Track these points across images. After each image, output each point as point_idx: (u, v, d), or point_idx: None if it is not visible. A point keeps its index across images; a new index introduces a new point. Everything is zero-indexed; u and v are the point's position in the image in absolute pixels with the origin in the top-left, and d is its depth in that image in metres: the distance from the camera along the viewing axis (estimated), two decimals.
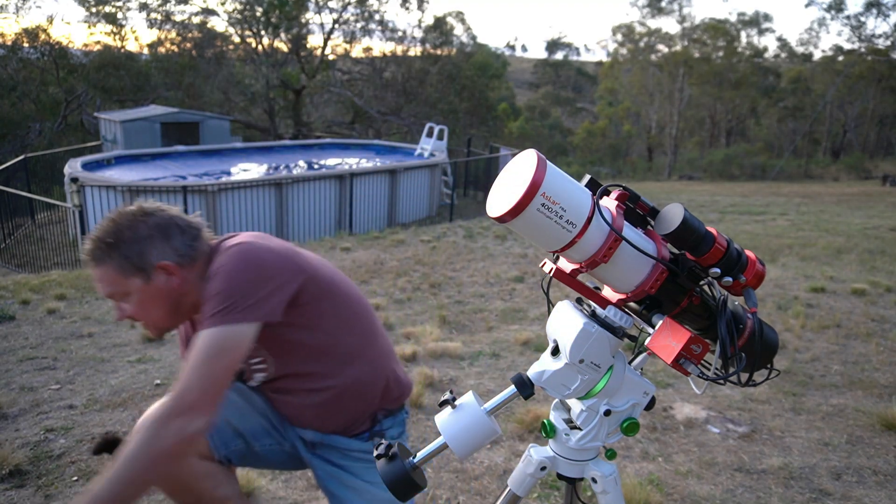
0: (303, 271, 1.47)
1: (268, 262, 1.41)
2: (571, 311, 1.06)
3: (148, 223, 1.44)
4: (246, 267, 1.38)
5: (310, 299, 1.48)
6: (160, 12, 28.90)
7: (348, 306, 1.59)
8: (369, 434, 1.64)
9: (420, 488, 1.04)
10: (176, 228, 1.47)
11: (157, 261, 1.43)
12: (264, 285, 1.38)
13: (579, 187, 0.96)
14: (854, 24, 36.89)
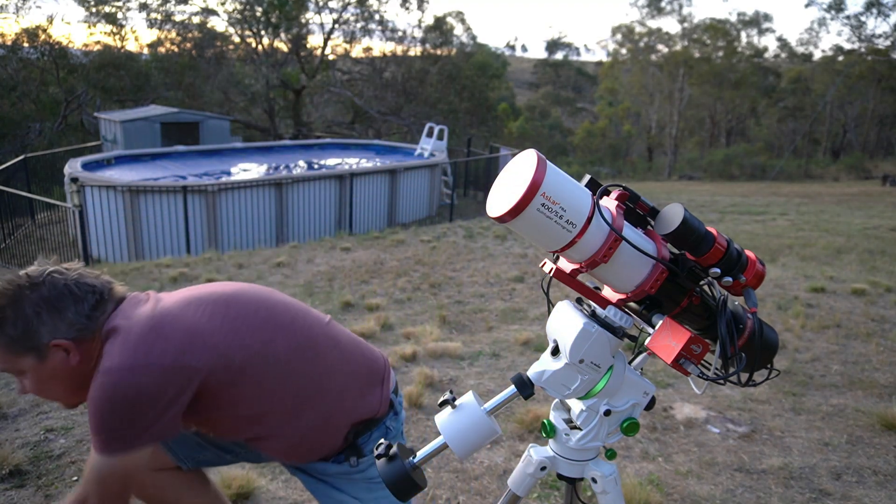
0: (197, 371, 1.32)
1: (141, 395, 1.26)
2: (571, 311, 1.06)
3: (33, 298, 1.29)
4: (112, 407, 1.25)
5: (218, 387, 1.36)
6: (160, 12, 28.92)
7: (275, 369, 1.42)
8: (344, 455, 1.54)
9: (420, 488, 1.04)
10: (69, 299, 1.32)
11: (50, 339, 1.30)
12: (143, 416, 1.27)
13: (579, 187, 0.96)
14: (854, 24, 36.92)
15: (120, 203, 10.22)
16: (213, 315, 1.40)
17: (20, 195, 11.78)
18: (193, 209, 10.36)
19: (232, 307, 1.44)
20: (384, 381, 1.59)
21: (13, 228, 11.94)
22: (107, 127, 18.44)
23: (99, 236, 9.93)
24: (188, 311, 1.39)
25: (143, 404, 1.26)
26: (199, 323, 1.37)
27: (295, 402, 1.45)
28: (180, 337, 1.32)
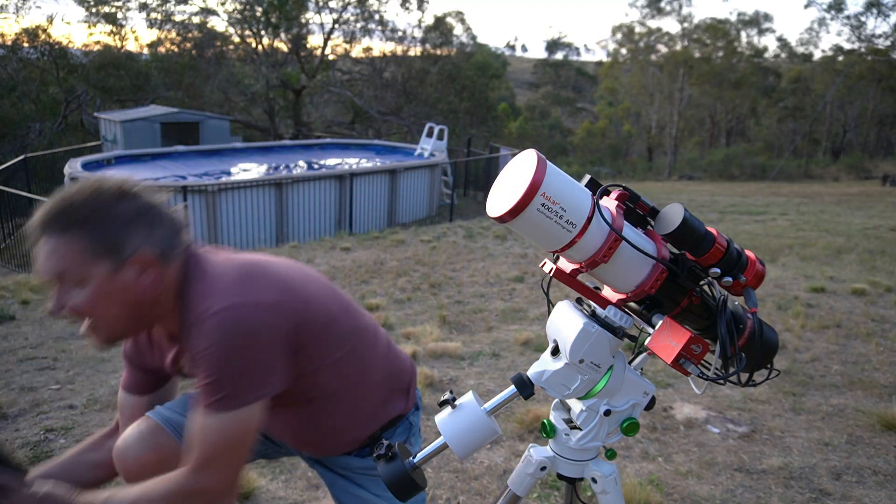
0: (300, 314, 1.26)
1: (261, 332, 1.18)
2: (571, 311, 1.06)
3: (129, 205, 1.18)
4: (238, 346, 1.16)
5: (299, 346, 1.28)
6: (160, 12, 28.93)
7: (339, 344, 1.37)
8: (370, 449, 1.49)
9: (420, 488, 1.04)
10: (161, 216, 1.22)
11: (133, 251, 1.17)
12: (265, 358, 1.20)
13: (579, 187, 0.96)
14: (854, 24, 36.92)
15: None
16: (296, 269, 1.36)
17: (20, 195, 11.78)
18: (193, 209, 10.36)
19: (308, 271, 1.41)
20: (412, 384, 1.59)
21: (13, 228, 11.94)
22: (107, 127, 18.44)
23: None
24: (273, 261, 1.33)
25: (263, 343, 1.19)
26: (288, 273, 1.31)
27: (340, 385, 1.39)
28: (277, 281, 1.26)
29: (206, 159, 15.44)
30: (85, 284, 1.16)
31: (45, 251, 1.15)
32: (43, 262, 1.16)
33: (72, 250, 1.14)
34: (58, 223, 1.15)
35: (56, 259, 1.15)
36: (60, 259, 1.14)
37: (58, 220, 1.15)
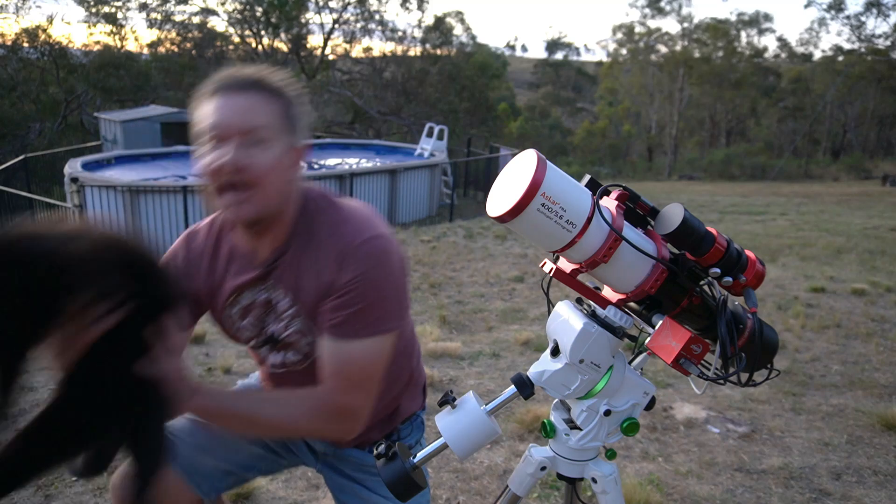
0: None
1: (402, 261, 1.25)
2: (571, 311, 1.06)
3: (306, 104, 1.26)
4: (385, 274, 1.21)
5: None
6: (160, 12, 28.93)
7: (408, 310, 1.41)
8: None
9: (420, 488, 1.04)
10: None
11: (303, 140, 1.24)
12: (402, 289, 1.26)
13: (579, 187, 0.96)
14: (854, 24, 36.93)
15: (120, 203, 10.22)
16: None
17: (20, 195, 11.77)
18: (193, 209, 10.35)
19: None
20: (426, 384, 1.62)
21: None
22: (107, 127, 18.44)
23: None
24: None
25: (403, 276, 1.25)
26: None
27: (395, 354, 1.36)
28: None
29: None
30: (268, 148, 1.16)
31: (242, 104, 1.16)
32: (236, 113, 1.15)
33: (272, 111, 1.17)
34: (265, 85, 1.18)
35: (254, 114, 1.15)
36: (259, 114, 1.16)
37: (265, 83, 1.18)
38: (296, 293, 1.26)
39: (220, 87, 1.19)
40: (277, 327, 1.31)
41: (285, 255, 1.25)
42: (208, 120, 1.17)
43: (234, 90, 1.17)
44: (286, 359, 1.35)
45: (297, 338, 1.31)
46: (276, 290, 1.28)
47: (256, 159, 1.15)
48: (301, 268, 1.24)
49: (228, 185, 1.16)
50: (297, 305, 1.27)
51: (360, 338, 1.21)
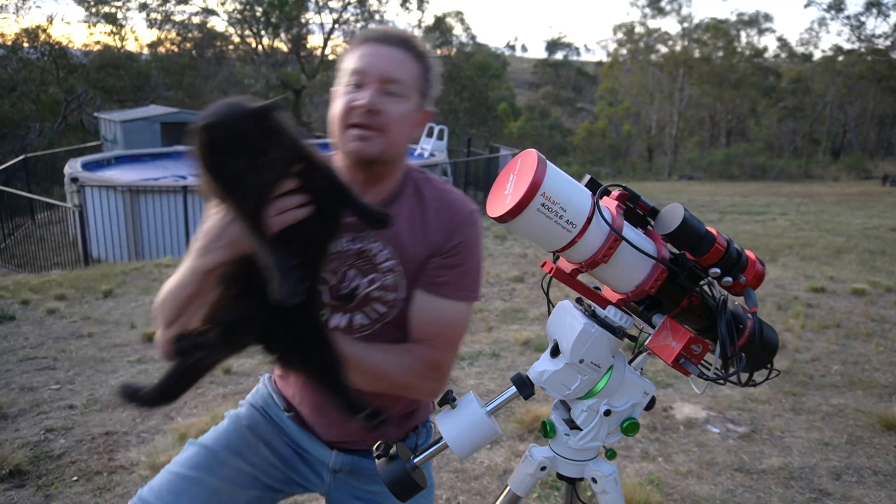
0: None
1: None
2: (571, 311, 1.06)
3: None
4: (480, 245, 1.32)
5: None
6: (160, 12, 28.93)
7: None
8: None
9: (420, 488, 1.04)
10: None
11: (430, 106, 1.32)
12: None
13: (579, 187, 0.96)
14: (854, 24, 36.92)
15: (120, 203, 10.22)
16: None
17: (20, 195, 11.79)
18: (193, 209, 10.35)
19: None
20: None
21: (13, 228, 11.94)
22: (107, 127, 18.44)
23: (99, 236, 9.92)
24: None
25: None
26: None
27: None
28: None
29: None
30: (402, 101, 1.24)
31: (387, 56, 1.24)
32: (380, 62, 1.23)
33: (415, 69, 1.26)
34: (415, 47, 1.27)
35: (396, 66, 1.24)
36: (400, 69, 1.24)
37: (411, 43, 1.27)
38: (398, 247, 1.27)
39: (370, 38, 1.26)
40: (361, 282, 1.29)
41: (390, 207, 1.28)
42: (353, 64, 1.24)
43: (383, 42, 1.25)
44: (353, 321, 1.31)
45: (382, 294, 1.29)
46: (373, 241, 1.28)
47: (390, 108, 1.22)
48: (407, 224, 1.28)
49: (359, 124, 1.22)
50: (398, 259, 1.28)
51: (459, 300, 1.27)
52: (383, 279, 1.28)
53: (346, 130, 1.23)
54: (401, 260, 1.27)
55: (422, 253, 1.27)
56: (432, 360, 1.27)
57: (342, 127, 1.24)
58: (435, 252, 1.27)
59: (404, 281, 1.28)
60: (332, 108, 1.26)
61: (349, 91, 1.23)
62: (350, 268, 1.29)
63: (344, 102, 1.23)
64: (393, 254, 1.27)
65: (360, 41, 1.27)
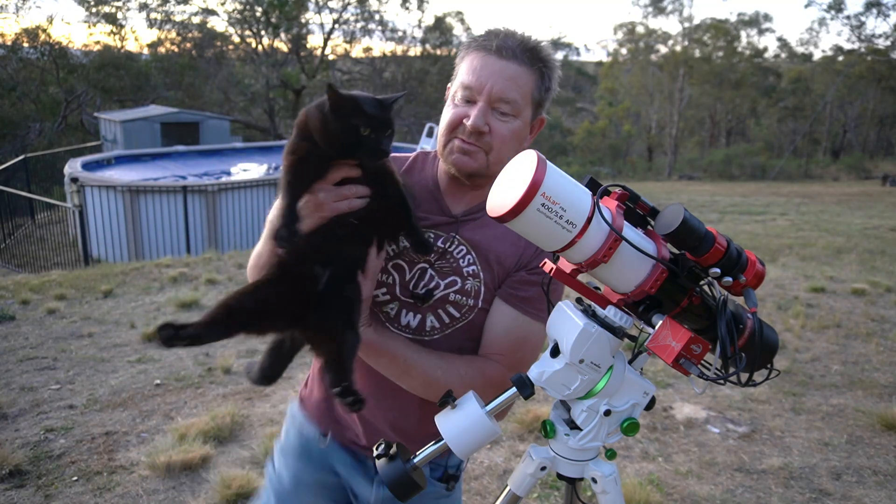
0: None
1: None
2: (571, 311, 1.06)
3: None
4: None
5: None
6: (160, 12, 28.93)
7: None
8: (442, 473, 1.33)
9: (420, 488, 1.04)
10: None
11: (545, 113, 1.24)
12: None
13: (579, 187, 0.96)
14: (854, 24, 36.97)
15: (120, 203, 10.22)
16: None
17: (20, 195, 11.79)
18: (193, 209, 10.35)
19: None
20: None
21: (13, 228, 11.94)
22: (107, 127, 18.45)
23: (99, 236, 9.92)
24: None
25: None
26: None
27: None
28: None
29: (206, 159, 15.44)
30: (512, 120, 1.18)
31: (505, 72, 1.15)
32: (496, 80, 1.15)
33: (530, 83, 1.18)
34: (532, 57, 1.17)
35: (512, 85, 1.16)
36: (516, 88, 1.16)
37: (534, 55, 1.17)
38: (484, 253, 1.23)
39: (486, 46, 1.17)
40: (440, 283, 1.24)
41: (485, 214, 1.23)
42: (468, 76, 1.17)
43: (498, 54, 1.16)
44: (425, 323, 1.25)
45: (459, 298, 1.24)
46: (457, 245, 1.24)
47: (498, 128, 1.17)
48: (496, 231, 1.23)
49: (464, 140, 1.18)
50: (481, 265, 1.23)
51: (540, 319, 1.22)
52: (463, 284, 1.24)
53: (451, 141, 1.20)
54: (483, 267, 1.24)
55: (509, 264, 1.23)
56: (494, 377, 1.21)
57: (447, 137, 1.21)
58: (523, 265, 1.23)
59: (483, 288, 1.24)
60: (443, 114, 1.22)
61: (459, 104, 1.19)
62: (430, 267, 1.24)
63: (452, 115, 1.19)
64: (477, 259, 1.24)
65: (482, 47, 1.18)
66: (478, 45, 1.19)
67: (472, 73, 1.17)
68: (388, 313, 1.27)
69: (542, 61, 1.19)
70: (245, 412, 3.36)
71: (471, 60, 1.18)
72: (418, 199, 1.25)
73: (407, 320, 1.26)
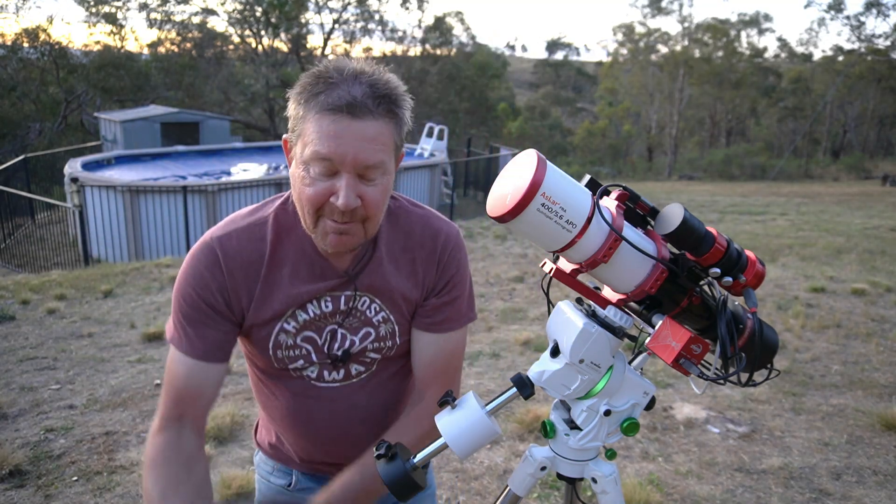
0: None
1: None
2: (571, 311, 1.06)
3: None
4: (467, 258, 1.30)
5: None
6: (160, 12, 28.93)
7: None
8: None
9: (420, 488, 1.04)
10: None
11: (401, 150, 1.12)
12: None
13: (579, 187, 0.96)
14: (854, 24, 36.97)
15: (120, 203, 10.22)
16: None
17: (20, 195, 11.78)
18: (193, 209, 10.35)
19: None
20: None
21: (13, 228, 11.94)
22: (107, 127, 18.45)
23: (99, 236, 9.93)
24: None
25: None
26: None
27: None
28: None
29: (206, 159, 15.44)
30: (382, 178, 1.06)
31: (365, 134, 1.01)
32: (363, 145, 1.01)
33: (389, 132, 1.05)
34: (389, 106, 1.03)
35: (378, 146, 1.03)
36: (381, 145, 1.03)
37: (389, 101, 1.03)
38: (388, 295, 1.19)
39: (341, 107, 1.00)
40: (351, 339, 1.20)
41: (373, 258, 1.18)
42: (322, 146, 1.00)
43: (358, 114, 1.00)
44: (350, 372, 1.22)
45: (377, 345, 1.21)
46: (360, 298, 1.18)
47: (370, 196, 1.04)
48: (388, 269, 1.18)
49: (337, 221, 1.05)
50: (389, 309, 1.20)
51: (461, 327, 1.23)
52: (377, 332, 1.21)
53: (321, 221, 1.06)
54: (391, 308, 1.20)
55: (415, 296, 1.20)
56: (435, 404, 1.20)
57: (314, 217, 1.06)
58: (430, 293, 1.21)
59: (397, 327, 1.22)
60: (297, 184, 1.05)
61: (318, 178, 1.02)
62: (340, 327, 1.19)
63: (312, 194, 1.03)
64: (383, 305, 1.20)
65: (322, 108, 1.00)
66: (323, 106, 1.00)
67: (325, 140, 0.99)
68: (310, 377, 1.21)
69: (395, 104, 1.04)
70: (245, 412, 3.36)
71: (319, 123, 1.00)
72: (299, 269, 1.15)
73: (332, 376, 1.22)
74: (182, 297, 1.13)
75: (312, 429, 1.24)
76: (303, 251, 1.15)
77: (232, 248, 1.14)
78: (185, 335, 1.13)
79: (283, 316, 1.16)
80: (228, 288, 1.13)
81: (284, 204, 1.17)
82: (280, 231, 1.16)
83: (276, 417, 1.28)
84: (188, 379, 1.13)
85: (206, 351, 1.14)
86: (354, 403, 1.24)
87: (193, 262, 1.14)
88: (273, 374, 1.24)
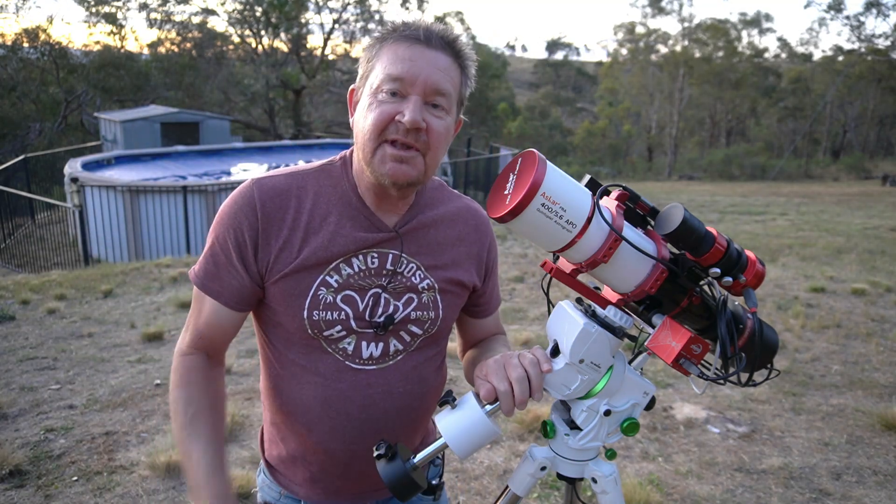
0: None
1: None
2: (571, 311, 1.06)
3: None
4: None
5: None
6: (160, 12, 28.94)
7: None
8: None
9: (420, 488, 1.04)
10: None
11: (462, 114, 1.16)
12: None
13: (579, 187, 0.96)
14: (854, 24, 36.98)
15: (120, 203, 10.22)
16: None
17: (20, 195, 11.78)
18: (193, 209, 10.35)
19: None
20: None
21: (13, 228, 11.94)
22: (107, 127, 18.45)
23: (99, 236, 9.93)
24: None
25: None
26: None
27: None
28: None
29: (206, 159, 15.44)
30: (446, 116, 1.07)
31: (440, 64, 1.04)
32: (432, 71, 1.03)
33: (458, 78, 1.08)
34: (459, 50, 1.08)
35: (448, 78, 1.06)
36: (451, 80, 1.06)
37: (460, 47, 1.08)
38: (434, 262, 1.17)
39: (410, 35, 1.04)
40: (395, 304, 1.14)
41: (420, 220, 1.17)
42: (395, 67, 1.02)
43: (427, 44, 1.03)
44: (388, 349, 1.16)
45: (420, 314, 1.16)
46: (406, 263, 1.16)
47: (434, 125, 1.05)
48: (439, 235, 1.18)
49: (401, 141, 1.03)
50: (433, 276, 1.17)
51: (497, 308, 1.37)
52: (420, 299, 1.16)
53: (381, 146, 1.04)
54: (436, 276, 1.17)
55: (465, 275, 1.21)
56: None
57: (376, 141, 1.04)
58: (484, 269, 1.26)
59: (439, 296, 1.18)
60: (362, 116, 1.05)
61: (386, 100, 1.02)
62: (384, 290, 1.14)
63: (379, 114, 1.02)
64: (427, 273, 1.17)
65: (398, 38, 1.04)
66: (400, 35, 1.04)
67: (399, 62, 1.02)
68: (346, 349, 1.14)
69: (464, 56, 1.09)
70: (245, 412, 3.36)
71: (394, 50, 1.03)
72: (344, 220, 1.12)
73: (369, 352, 1.15)
74: (215, 238, 1.13)
75: (345, 420, 1.15)
76: (349, 202, 1.13)
77: (271, 192, 1.13)
78: (211, 277, 1.12)
79: (327, 266, 1.10)
80: (260, 232, 1.10)
81: (331, 162, 1.17)
82: (324, 182, 1.14)
83: (300, 412, 1.16)
84: (210, 318, 1.14)
85: (229, 298, 1.12)
86: (391, 390, 1.17)
87: (230, 203, 1.16)
88: (303, 351, 1.14)
